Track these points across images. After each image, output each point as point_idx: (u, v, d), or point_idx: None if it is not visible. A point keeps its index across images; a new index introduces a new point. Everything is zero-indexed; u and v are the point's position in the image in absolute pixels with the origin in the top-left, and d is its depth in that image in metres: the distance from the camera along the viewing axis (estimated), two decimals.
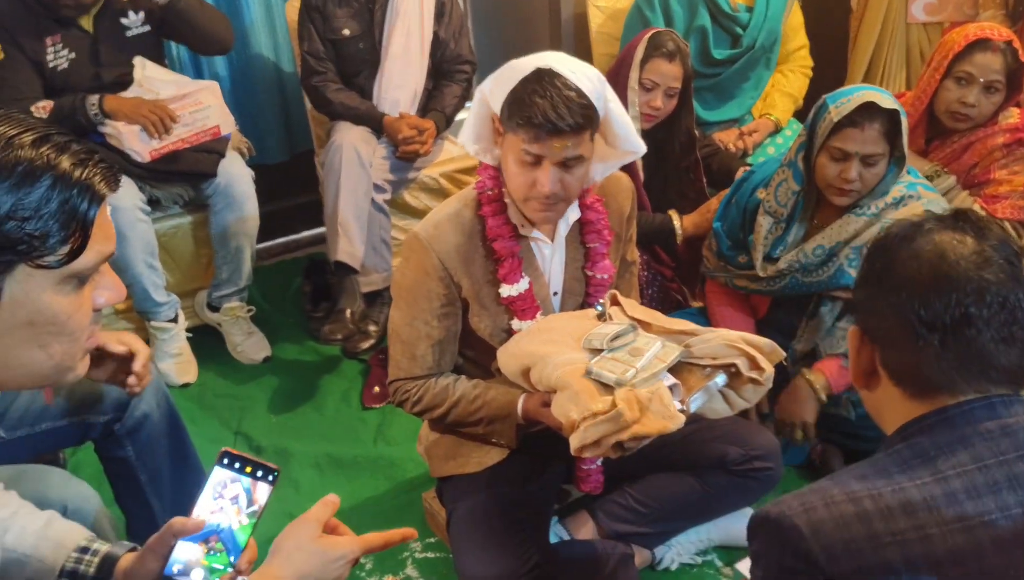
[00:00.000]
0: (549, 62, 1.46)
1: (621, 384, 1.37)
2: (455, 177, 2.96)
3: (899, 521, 0.89)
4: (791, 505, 0.93)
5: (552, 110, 1.42)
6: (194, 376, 2.70)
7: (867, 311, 1.00)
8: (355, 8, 2.79)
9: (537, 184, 1.49)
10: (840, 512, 0.90)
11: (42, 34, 2.51)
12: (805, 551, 0.90)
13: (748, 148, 2.83)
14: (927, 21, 2.90)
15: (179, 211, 2.73)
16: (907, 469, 0.92)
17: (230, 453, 1.08)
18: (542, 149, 1.46)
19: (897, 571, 0.88)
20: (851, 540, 0.89)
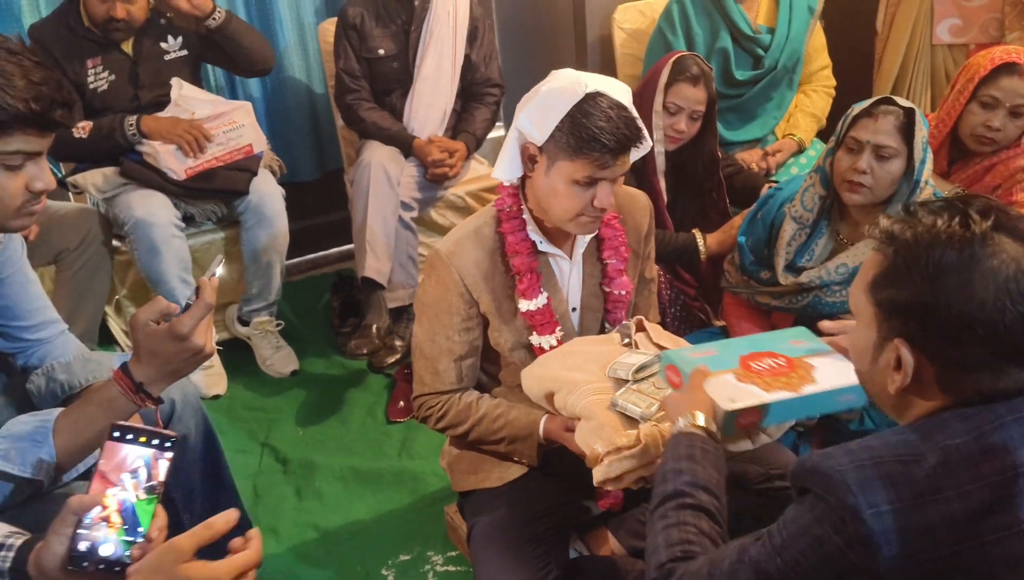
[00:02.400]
0: (591, 85, 1.50)
1: (646, 419, 1.39)
2: (481, 195, 3.00)
3: (941, 479, 0.91)
4: (840, 460, 0.94)
5: (619, 132, 1.48)
6: (224, 388, 2.75)
7: (933, 336, 0.94)
8: (392, 29, 2.85)
9: (596, 201, 1.53)
10: (888, 471, 0.91)
11: (84, 57, 2.60)
12: (852, 506, 0.91)
13: (771, 168, 2.84)
14: (952, 43, 2.90)
15: (212, 227, 2.80)
16: (950, 434, 0.94)
17: (121, 426, 1.08)
18: (608, 172, 1.51)
19: (937, 531, 0.90)
20: (897, 499, 0.90)
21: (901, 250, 0.96)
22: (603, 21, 3.19)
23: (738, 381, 1.28)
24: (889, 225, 0.99)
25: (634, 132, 1.50)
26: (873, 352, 1.01)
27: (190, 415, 1.74)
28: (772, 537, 1.00)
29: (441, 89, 2.89)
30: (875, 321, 1.00)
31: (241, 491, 2.28)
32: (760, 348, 1.37)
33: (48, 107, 1.22)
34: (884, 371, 1.00)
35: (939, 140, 2.30)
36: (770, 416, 1.27)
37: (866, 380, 1.06)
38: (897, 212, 1.04)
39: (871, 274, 1.01)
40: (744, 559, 1.02)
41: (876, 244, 1.01)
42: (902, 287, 0.96)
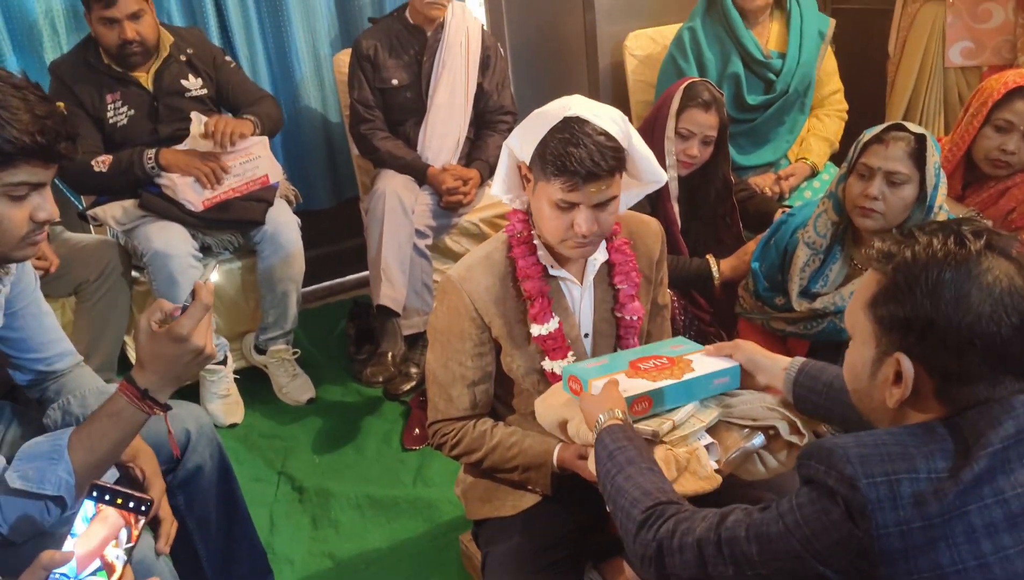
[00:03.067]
0: (574, 109, 1.51)
1: (658, 436, 1.40)
2: (495, 222, 3.02)
3: (938, 462, 0.96)
4: (844, 440, 1.00)
5: (588, 158, 1.46)
6: (240, 417, 2.77)
7: (932, 348, 0.99)
8: (405, 60, 2.89)
9: (575, 226, 1.53)
10: (888, 451, 0.98)
11: (103, 92, 2.65)
12: (850, 475, 0.96)
13: (784, 192, 2.85)
14: (965, 65, 2.90)
15: (229, 257, 2.83)
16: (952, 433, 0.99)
17: (99, 486, 1.09)
18: (579, 197, 1.50)
19: (928, 504, 0.95)
20: (892, 472, 0.96)
21: (901, 268, 1.01)
22: (615, 48, 3.22)
23: (628, 378, 1.46)
24: (886, 246, 1.05)
25: (609, 160, 1.47)
26: (871, 367, 1.05)
27: (205, 445, 1.75)
28: (779, 505, 1.05)
29: (454, 118, 2.92)
30: (874, 337, 1.04)
31: (257, 520, 2.29)
32: (646, 354, 1.56)
33: (53, 140, 1.25)
34: (883, 386, 1.04)
35: (953, 163, 2.30)
36: (658, 400, 1.44)
37: (863, 396, 1.10)
38: (891, 235, 1.07)
39: (870, 292, 1.05)
40: (748, 520, 1.07)
41: (872, 264, 1.06)
42: (903, 303, 1.00)
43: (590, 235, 1.54)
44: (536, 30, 3.54)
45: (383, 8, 3.24)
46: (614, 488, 1.24)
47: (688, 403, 1.47)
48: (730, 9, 2.82)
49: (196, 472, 1.75)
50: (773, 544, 1.03)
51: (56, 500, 1.27)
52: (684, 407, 1.46)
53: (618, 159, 1.50)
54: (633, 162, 1.59)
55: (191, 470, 1.74)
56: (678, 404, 1.46)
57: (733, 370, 1.51)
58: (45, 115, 1.24)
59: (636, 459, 1.26)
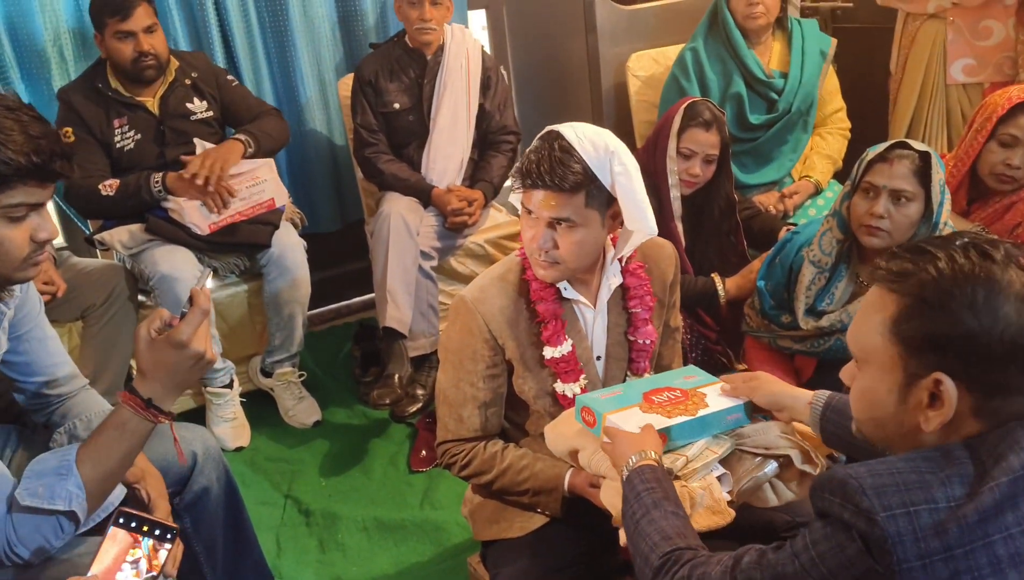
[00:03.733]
0: (562, 126, 1.52)
1: (672, 473, 1.39)
2: (500, 243, 3.02)
3: (956, 489, 0.93)
4: (858, 470, 0.97)
5: (536, 165, 1.48)
6: (247, 440, 2.76)
7: (975, 364, 0.96)
8: (406, 83, 2.91)
9: (533, 239, 1.55)
10: (904, 480, 0.94)
11: (111, 117, 2.67)
12: (867, 509, 0.93)
13: (789, 210, 2.85)
14: (967, 82, 2.91)
15: (235, 280, 2.83)
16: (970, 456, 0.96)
17: (126, 512, 1.09)
18: (529, 201, 1.53)
19: (950, 534, 0.91)
20: (911, 503, 0.93)
21: (929, 285, 0.97)
22: (618, 69, 3.24)
23: (643, 413, 1.45)
24: (897, 265, 1.01)
25: (556, 177, 1.46)
26: (898, 394, 1.01)
27: (212, 467, 1.75)
28: (794, 544, 1.02)
29: (457, 139, 2.94)
30: (899, 361, 1.00)
31: (264, 543, 2.28)
32: (659, 385, 1.55)
33: (48, 159, 1.25)
34: (914, 411, 1.00)
35: (958, 179, 2.30)
36: (673, 436, 1.42)
37: (885, 424, 1.05)
38: (898, 253, 1.04)
39: (887, 314, 1.01)
40: (762, 561, 1.05)
41: (884, 285, 1.02)
42: (936, 321, 0.96)
43: (544, 252, 1.54)
44: (539, 52, 3.56)
45: (387, 32, 3.26)
46: (636, 531, 1.22)
47: (701, 439, 1.46)
48: (732, 29, 2.84)
49: (203, 495, 1.74)
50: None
51: (68, 515, 1.27)
52: (698, 442, 1.45)
53: (575, 182, 1.48)
54: (622, 203, 1.55)
55: (198, 492, 1.74)
56: (692, 440, 1.45)
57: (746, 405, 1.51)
58: (39, 135, 1.25)
59: (662, 502, 1.24)
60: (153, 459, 1.67)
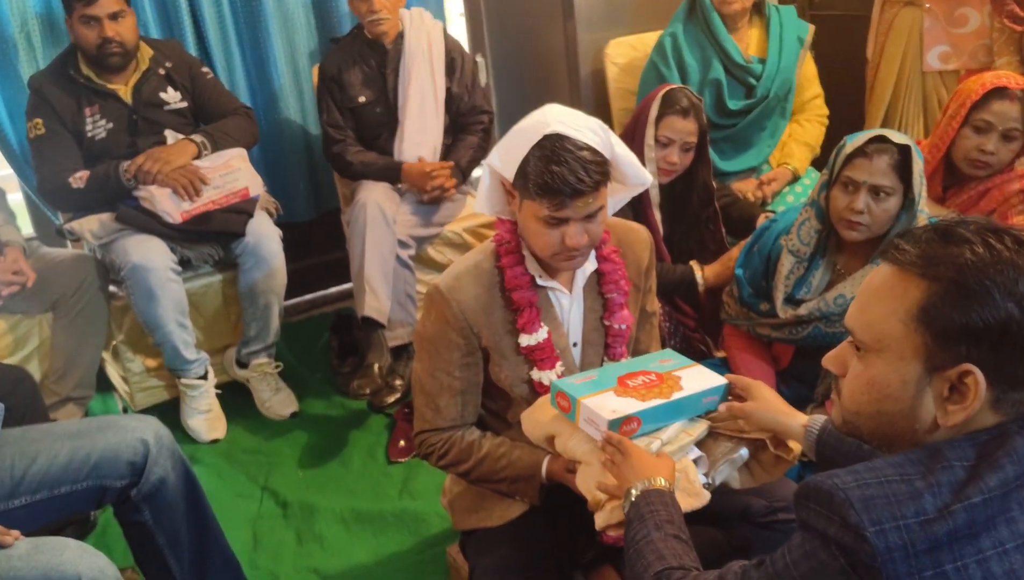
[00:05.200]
0: (553, 125, 1.48)
1: None
2: (478, 232, 3.01)
3: (947, 497, 0.89)
4: (844, 479, 0.92)
5: (572, 175, 1.44)
6: (223, 432, 2.73)
7: (1007, 355, 0.91)
8: (369, 75, 2.88)
9: (565, 240, 1.52)
10: (893, 490, 0.90)
11: (81, 105, 2.63)
12: (855, 524, 0.89)
13: (767, 197, 2.85)
14: (942, 69, 2.92)
15: (209, 270, 2.80)
16: (958, 452, 0.92)
17: None
18: (568, 212, 1.49)
19: (942, 549, 0.88)
20: (900, 516, 0.88)
21: (969, 270, 0.91)
22: (595, 55, 3.22)
23: (617, 396, 1.44)
24: (927, 248, 0.95)
25: (593, 175, 1.46)
26: (916, 385, 0.95)
27: (166, 457, 1.74)
28: (774, 562, 0.99)
29: (427, 126, 2.92)
30: (922, 350, 0.93)
31: (240, 536, 2.27)
32: (634, 369, 1.54)
33: None
34: (929, 404, 0.95)
35: (933, 165, 2.31)
36: (647, 420, 1.42)
37: (897, 419, 0.98)
38: (922, 236, 0.97)
39: (912, 301, 0.94)
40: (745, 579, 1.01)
41: (908, 269, 0.95)
42: (975, 309, 0.90)
43: (580, 248, 1.53)
44: (516, 39, 3.54)
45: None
46: (635, 552, 1.20)
47: (676, 422, 1.46)
48: (711, 14, 2.84)
49: (160, 485, 1.74)
50: None
51: None
52: (673, 424, 1.45)
53: (602, 173, 1.49)
54: (618, 168, 1.58)
55: (155, 483, 1.73)
56: (667, 423, 1.45)
57: (721, 389, 1.50)
58: None
59: (664, 524, 1.22)
60: (104, 450, 1.66)
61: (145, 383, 2.78)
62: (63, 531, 2.05)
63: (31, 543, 1.48)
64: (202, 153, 2.65)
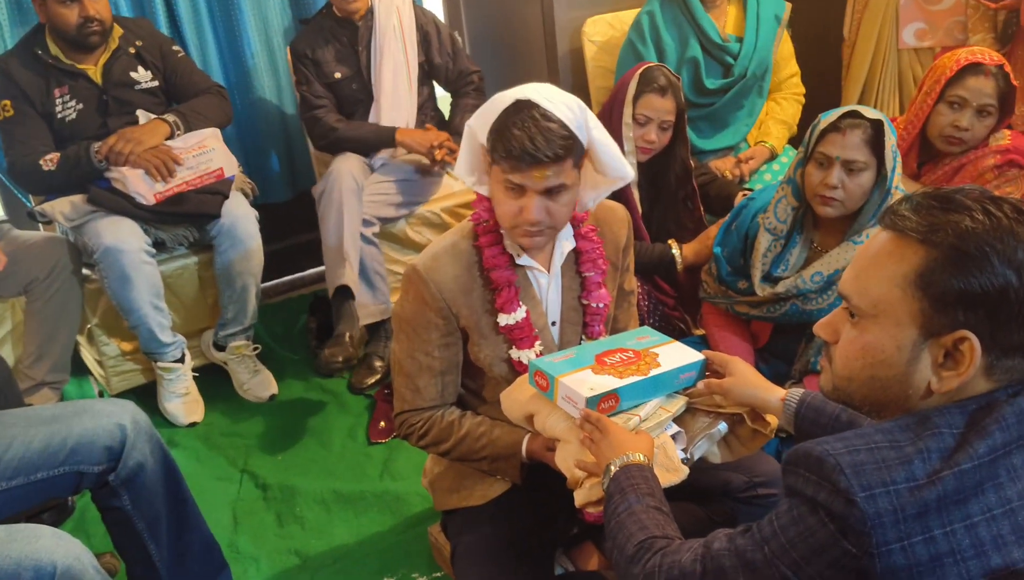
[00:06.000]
0: (529, 93, 1.48)
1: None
2: (456, 211, 3.00)
3: (936, 463, 0.89)
4: (834, 445, 0.92)
5: (530, 141, 1.44)
6: (200, 415, 2.71)
7: (1003, 321, 0.91)
8: (341, 51, 2.86)
9: (523, 212, 1.51)
10: (883, 456, 0.90)
11: (51, 86, 2.58)
12: (845, 489, 0.89)
13: (745, 175, 2.86)
14: (918, 46, 2.93)
15: (184, 252, 2.77)
16: (947, 418, 0.93)
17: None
18: (523, 179, 1.48)
19: (931, 514, 0.88)
20: (890, 481, 0.89)
21: (969, 237, 0.91)
22: (573, 34, 3.21)
23: (595, 374, 1.45)
24: (927, 215, 0.95)
25: (554, 147, 1.44)
26: (911, 351, 0.95)
27: (144, 441, 1.73)
28: (761, 528, 0.99)
29: (401, 102, 2.90)
30: (918, 316, 0.94)
31: (220, 519, 2.26)
32: (612, 346, 1.55)
33: None
34: (924, 370, 0.95)
35: (908, 142, 2.32)
36: (625, 397, 1.43)
37: (890, 384, 0.98)
38: (922, 203, 0.97)
39: (911, 266, 0.94)
40: (731, 547, 1.01)
41: (907, 235, 0.95)
42: (975, 275, 0.90)
43: (538, 223, 1.52)
44: (494, 17, 3.51)
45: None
46: (616, 524, 1.20)
47: (654, 398, 1.46)
48: None
49: (138, 470, 1.72)
50: (760, 573, 0.97)
51: None
52: (651, 401, 1.46)
53: (566, 147, 1.46)
54: (596, 155, 1.56)
55: (133, 468, 1.71)
56: (644, 400, 1.46)
57: (698, 364, 1.50)
58: None
59: (645, 497, 1.22)
60: (80, 435, 1.64)
61: (121, 367, 2.75)
62: (40, 517, 2.04)
63: (4, 531, 1.46)
64: (175, 133, 2.61)
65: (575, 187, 1.54)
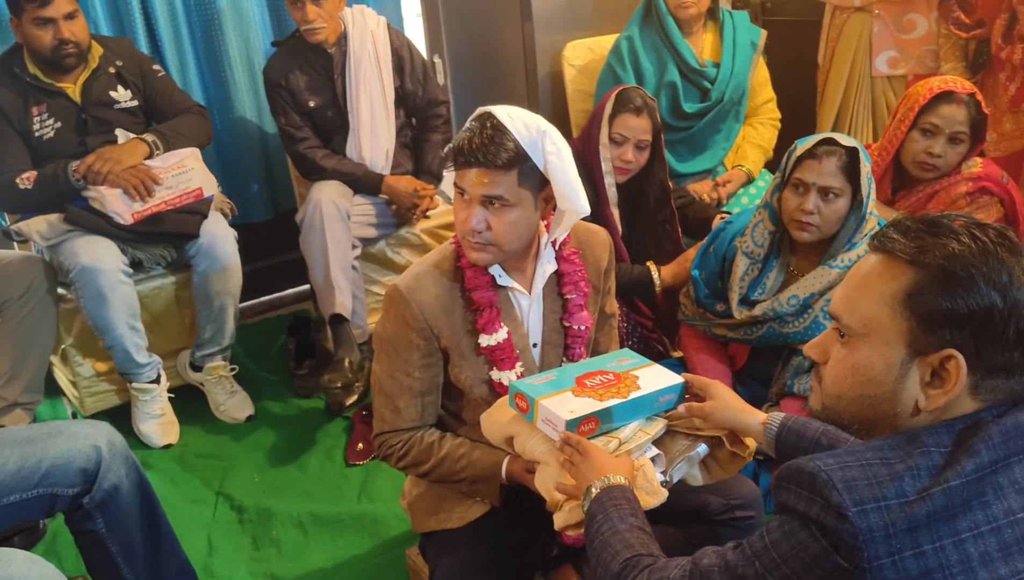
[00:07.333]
0: (495, 108, 1.52)
1: None
2: (436, 233, 3.00)
3: (925, 480, 0.91)
4: (826, 462, 0.93)
5: (468, 142, 1.48)
6: (176, 437, 2.68)
7: (988, 342, 0.93)
8: (314, 79, 2.83)
9: (466, 220, 1.53)
10: (874, 472, 0.92)
11: (29, 104, 2.56)
12: (837, 504, 0.90)
13: (722, 198, 2.89)
14: (891, 74, 2.99)
15: (162, 272, 2.75)
16: (935, 438, 0.94)
17: None
18: (462, 181, 1.51)
19: (921, 530, 0.89)
20: (882, 497, 0.90)
21: (957, 259, 0.94)
22: (553, 58, 3.24)
23: (575, 396, 1.45)
24: (915, 237, 0.97)
25: (490, 152, 1.46)
26: (899, 369, 0.97)
27: (120, 463, 1.70)
28: (752, 544, 1.00)
29: (379, 128, 2.89)
30: (906, 335, 0.96)
31: (195, 542, 2.23)
32: (592, 369, 1.55)
33: None
34: (911, 389, 0.97)
35: (882, 168, 2.36)
36: (605, 420, 1.43)
37: (878, 402, 1.00)
38: (911, 227, 0.99)
39: (899, 287, 0.97)
40: (720, 563, 1.01)
41: (895, 256, 0.98)
42: (961, 296, 0.93)
43: (478, 234, 1.52)
44: (474, 40, 3.54)
45: None
46: (600, 543, 1.20)
47: (634, 421, 1.47)
48: (666, 18, 2.87)
49: (113, 492, 1.70)
50: None
51: None
52: (630, 423, 1.46)
53: (509, 160, 1.47)
54: (554, 184, 1.53)
55: (108, 490, 1.69)
56: (624, 422, 1.46)
57: (678, 387, 1.51)
58: None
59: (628, 517, 1.22)
60: (56, 457, 1.62)
61: (95, 387, 2.71)
62: (11, 540, 2.00)
63: None
64: (154, 153, 2.60)
65: (523, 210, 1.53)
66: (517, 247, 1.58)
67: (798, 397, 2.05)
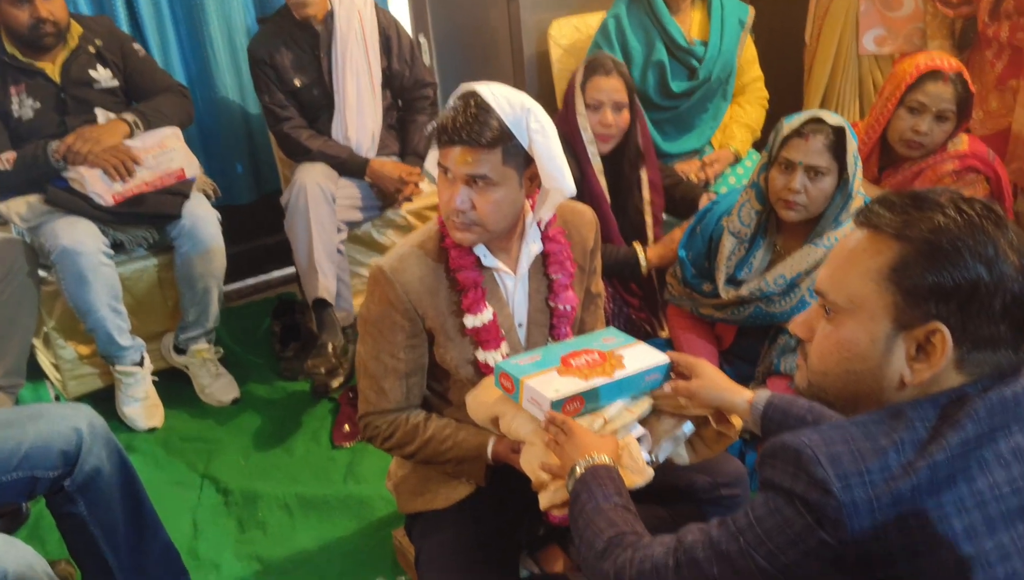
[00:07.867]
0: (478, 86, 1.50)
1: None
2: (422, 213, 2.98)
3: (910, 454, 0.91)
4: (811, 437, 0.93)
5: (451, 121, 1.46)
6: (160, 420, 2.67)
7: (973, 315, 0.93)
8: (300, 57, 2.80)
9: (450, 199, 1.51)
10: (859, 447, 0.92)
11: (6, 84, 2.52)
12: (821, 479, 0.90)
13: (709, 178, 2.88)
14: (878, 52, 2.98)
15: (144, 253, 2.72)
16: (920, 412, 0.94)
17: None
18: (446, 160, 1.50)
19: (905, 504, 0.90)
20: (866, 471, 0.90)
21: (943, 232, 0.94)
22: (539, 37, 3.21)
23: (560, 376, 1.44)
24: (900, 212, 0.97)
25: (474, 131, 1.45)
26: (884, 343, 0.97)
27: (101, 446, 1.69)
28: (736, 520, 1.00)
29: (366, 110, 2.86)
30: (891, 309, 0.96)
31: (180, 526, 2.22)
32: (577, 348, 1.54)
33: None
34: (897, 363, 0.97)
35: (869, 147, 2.36)
36: (590, 399, 1.43)
37: (864, 378, 1.00)
38: (896, 202, 0.99)
39: (884, 261, 0.97)
40: (705, 539, 1.02)
41: (881, 231, 0.98)
42: (947, 270, 0.93)
43: (462, 213, 1.51)
44: (460, 20, 3.50)
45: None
46: (584, 522, 1.20)
47: (620, 400, 1.46)
48: None
49: (95, 475, 1.69)
50: (735, 564, 0.97)
51: None
52: (616, 403, 1.45)
53: (492, 138, 1.46)
54: (539, 162, 1.53)
55: (89, 473, 1.68)
56: (610, 402, 1.46)
57: (664, 366, 1.50)
58: None
59: (612, 496, 1.22)
60: (36, 439, 1.61)
61: (78, 371, 2.69)
62: None
63: None
64: (134, 132, 2.57)
65: (507, 189, 1.52)
66: (502, 227, 1.57)
67: (785, 376, 2.05)
